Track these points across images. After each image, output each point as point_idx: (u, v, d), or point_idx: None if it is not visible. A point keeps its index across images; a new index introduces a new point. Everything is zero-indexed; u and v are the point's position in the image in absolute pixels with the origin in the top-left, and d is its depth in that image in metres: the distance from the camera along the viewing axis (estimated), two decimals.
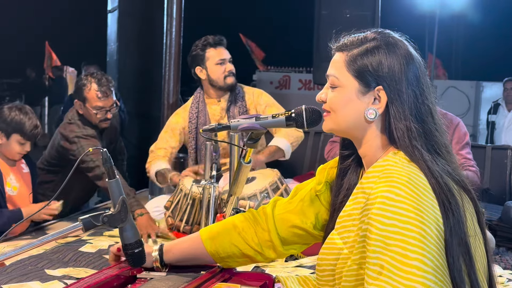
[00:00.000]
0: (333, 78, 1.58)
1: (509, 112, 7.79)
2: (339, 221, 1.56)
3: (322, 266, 1.59)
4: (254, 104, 3.97)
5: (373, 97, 1.53)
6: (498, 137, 7.84)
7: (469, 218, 1.46)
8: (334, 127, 1.60)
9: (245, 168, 1.97)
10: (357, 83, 1.54)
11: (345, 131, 1.60)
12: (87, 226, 1.65)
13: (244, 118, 1.84)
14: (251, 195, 3.22)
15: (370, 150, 1.57)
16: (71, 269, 2.74)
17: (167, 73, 5.22)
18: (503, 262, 3.13)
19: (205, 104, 3.98)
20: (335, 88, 1.58)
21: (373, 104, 1.53)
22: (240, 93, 3.96)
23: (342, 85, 1.56)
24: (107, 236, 3.36)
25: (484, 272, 1.48)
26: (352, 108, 1.55)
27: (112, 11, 6.85)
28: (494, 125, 7.93)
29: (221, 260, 1.87)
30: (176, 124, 4.02)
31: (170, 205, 3.46)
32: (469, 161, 3.59)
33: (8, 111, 3.45)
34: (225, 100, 3.95)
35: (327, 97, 1.60)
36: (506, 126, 7.77)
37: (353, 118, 1.55)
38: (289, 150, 3.91)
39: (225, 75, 3.91)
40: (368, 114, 1.53)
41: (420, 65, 1.57)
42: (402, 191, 1.39)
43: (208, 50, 3.91)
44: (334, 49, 1.62)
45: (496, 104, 8.05)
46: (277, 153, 3.85)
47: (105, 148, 1.63)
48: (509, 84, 7.78)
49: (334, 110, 1.58)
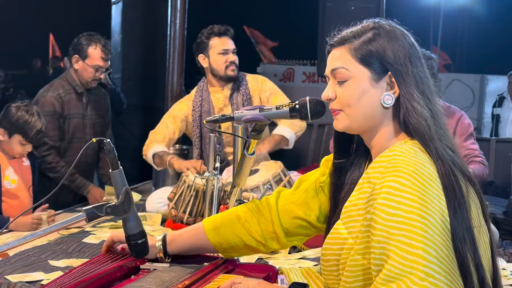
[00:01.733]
0: (342, 70, 1.55)
1: None
2: (345, 211, 1.55)
3: (326, 256, 1.59)
4: (258, 90, 3.95)
5: (386, 83, 1.53)
6: (503, 130, 7.81)
7: (473, 210, 1.45)
8: (351, 124, 1.57)
9: (248, 159, 1.96)
10: (367, 71, 1.53)
11: (362, 124, 1.56)
12: (90, 217, 1.65)
13: (248, 110, 1.83)
14: (254, 187, 3.21)
15: (381, 139, 1.56)
16: (75, 260, 2.74)
17: (171, 65, 5.22)
18: (507, 255, 3.12)
19: (209, 92, 3.97)
20: (344, 82, 1.55)
21: (387, 90, 1.53)
22: (243, 81, 3.95)
23: (353, 76, 1.54)
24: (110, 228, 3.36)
25: (487, 264, 1.48)
26: (369, 98, 1.53)
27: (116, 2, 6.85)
28: (499, 118, 7.90)
29: (223, 251, 1.87)
30: (179, 112, 4.02)
31: (173, 196, 3.45)
32: (474, 151, 3.56)
33: (15, 110, 3.43)
34: (228, 89, 3.94)
35: (335, 94, 1.58)
36: (511, 119, 7.74)
37: (371, 108, 1.54)
38: (293, 139, 3.90)
39: (226, 65, 3.88)
40: (385, 100, 1.52)
41: (418, 49, 1.58)
42: (408, 181, 1.38)
43: (212, 39, 3.90)
44: (332, 45, 1.60)
45: (501, 97, 8.02)
46: (281, 143, 3.84)
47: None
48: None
49: (349, 105, 1.55)
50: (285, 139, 3.84)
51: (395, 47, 1.52)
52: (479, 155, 3.55)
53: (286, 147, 3.89)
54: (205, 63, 3.95)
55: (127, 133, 6.39)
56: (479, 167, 3.48)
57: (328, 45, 1.62)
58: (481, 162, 3.52)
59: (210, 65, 3.92)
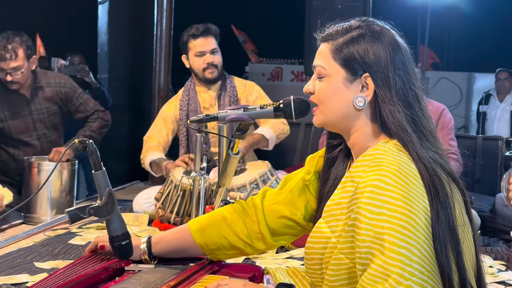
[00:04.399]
0: (320, 68, 1.57)
1: (501, 103, 7.80)
2: (326, 210, 1.55)
3: (310, 255, 1.58)
4: (246, 94, 3.95)
5: (361, 84, 1.53)
6: (489, 127, 7.84)
7: (457, 208, 1.45)
8: (324, 120, 1.59)
9: (233, 159, 1.96)
10: (343, 71, 1.53)
11: (335, 122, 1.58)
12: (73, 218, 1.63)
13: (232, 109, 1.82)
14: (240, 186, 3.21)
15: (360, 139, 1.56)
16: (61, 261, 2.72)
17: (157, 65, 5.20)
18: (493, 252, 3.13)
19: (196, 92, 3.96)
20: (322, 78, 1.57)
21: (361, 92, 1.53)
22: (231, 82, 3.94)
23: (329, 74, 1.55)
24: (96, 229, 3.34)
25: (471, 262, 1.48)
26: (340, 97, 1.54)
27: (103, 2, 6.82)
28: (486, 115, 7.93)
29: (210, 252, 1.86)
30: (168, 113, 4.01)
31: (160, 196, 3.45)
32: (452, 148, 3.60)
33: None
34: (216, 89, 3.93)
35: (314, 88, 1.59)
36: (498, 116, 7.77)
37: (342, 107, 1.54)
38: (274, 141, 3.89)
39: (204, 67, 3.86)
40: (357, 102, 1.52)
41: (406, 51, 1.56)
42: (392, 179, 1.38)
43: (190, 41, 3.88)
44: (319, 40, 1.61)
45: (487, 94, 8.05)
46: (261, 142, 3.82)
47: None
48: (502, 75, 7.78)
49: (322, 101, 1.57)
50: (265, 139, 3.82)
51: (377, 49, 1.52)
52: (456, 153, 3.59)
53: (265, 148, 3.88)
54: (187, 64, 3.95)
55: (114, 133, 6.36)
56: (455, 164, 3.51)
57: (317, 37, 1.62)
58: (457, 160, 3.57)
59: (191, 66, 3.92)
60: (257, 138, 3.80)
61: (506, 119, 7.72)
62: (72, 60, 6.13)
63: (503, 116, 7.75)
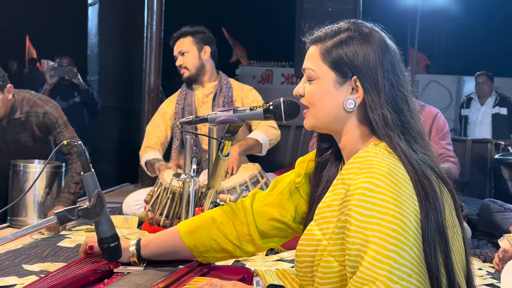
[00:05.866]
0: (310, 71, 1.57)
1: (482, 106, 7.85)
2: (318, 212, 1.55)
3: (300, 257, 1.58)
4: (241, 96, 3.96)
5: (351, 87, 1.53)
6: (471, 131, 7.88)
7: (447, 210, 1.45)
8: (315, 123, 1.58)
9: (223, 161, 1.95)
10: (333, 74, 1.53)
11: (326, 125, 1.58)
12: (61, 220, 1.62)
13: (221, 111, 1.82)
14: (230, 188, 3.21)
15: (350, 141, 1.56)
16: (49, 264, 2.71)
17: (147, 67, 5.20)
18: (482, 255, 3.14)
19: (193, 88, 3.98)
20: (312, 81, 1.57)
21: (351, 94, 1.53)
22: (227, 83, 3.96)
23: (319, 77, 1.55)
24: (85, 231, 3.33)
25: (461, 264, 1.48)
26: (330, 100, 1.54)
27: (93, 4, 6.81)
28: (467, 119, 7.97)
29: (199, 255, 1.85)
30: (167, 108, 4.04)
31: (150, 199, 3.44)
32: (449, 151, 3.60)
33: None
34: (210, 87, 3.95)
35: (305, 91, 1.59)
36: (479, 119, 7.82)
37: (332, 110, 1.54)
38: (267, 146, 3.89)
39: (179, 69, 3.97)
40: (347, 104, 1.52)
41: (395, 53, 1.56)
42: (382, 182, 1.38)
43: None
44: (308, 43, 1.61)
45: (468, 98, 8.09)
46: (255, 147, 3.82)
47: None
48: (481, 78, 7.83)
49: (313, 103, 1.57)
50: (258, 144, 3.82)
51: (366, 52, 1.51)
52: (454, 156, 3.59)
53: (259, 153, 3.88)
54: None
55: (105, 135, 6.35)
56: (453, 165, 3.52)
57: (307, 41, 1.62)
58: (455, 163, 3.56)
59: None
60: (251, 144, 3.79)
61: (487, 122, 7.78)
62: (60, 62, 6.11)
63: (485, 119, 7.80)
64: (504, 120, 7.62)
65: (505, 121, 7.61)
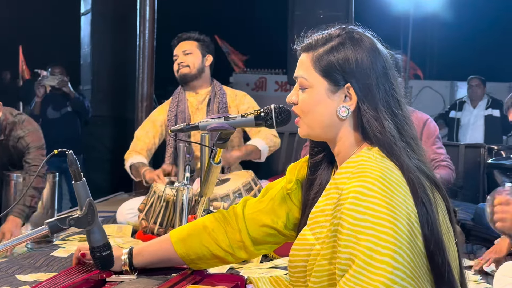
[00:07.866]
0: (302, 79, 1.56)
1: (474, 109, 7.87)
2: (311, 217, 1.55)
3: (294, 262, 1.57)
4: (236, 103, 3.97)
5: (344, 94, 1.52)
6: (463, 134, 7.88)
7: (441, 215, 1.45)
8: (309, 131, 1.58)
9: (215, 168, 1.95)
10: (325, 82, 1.53)
11: (320, 133, 1.57)
12: (53, 229, 1.62)
13: (213, 118, 1.81)
14: (223, 195, 3.20)
15: (344, 147, 1.56)
16: (43, 274, 2.70)
17: (140, 75, 5.20)
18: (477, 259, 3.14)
19: (185, 94, 3.99)
20: (304, 89, 1.56)
21: (344, 102, 1.52)
22: (221, 89, 3.97)
23: (311, 85, 1.54)
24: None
25: (456, 268, 1.48)
26: (323, 108, 1.54)
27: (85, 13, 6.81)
28: (459, 122, 7.99)
29: (191, 262, 1.85)
30: (159, 115, 4.05)
31: (143, 207, 3.43)
32: (440, 155, 3.59)
33: None
34: (203, 93, 3.96)
35: (298, 99, 1.58)
36: (472, 122, 7.84)
37: (326, 118, 1.54)
38: (266, 152, 3.90)
39: (176, 69, 3.98)
40: (340, 112, 1.52)
41: (387, 58, 1.56)
42: (375, 186, 1.38)
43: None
44: (299, 50, 1.61)
45: (461, 101, 8.11)
46: (253, 153, 3.83)
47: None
48: (474, 81, 7.86)
49: (306, 112, 1.56)
50: (257, 150, 3.83)
51: (358, 57, 1.51)
52: (445, 159, 3.58)
53: (257, 159, 3.89)
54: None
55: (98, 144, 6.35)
56: (445, 171, 3.50)
57: (298, 48, 1.62)
58: (448, 166, 3.55)
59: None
60: (250, 149, 3.81)
61: (480, 124, 7.79)
62: (52, 71, 6.11)
63: (477, 122, 7.82)
64: (497, 122, 7.63)
65: (497, 123, 7.62)
